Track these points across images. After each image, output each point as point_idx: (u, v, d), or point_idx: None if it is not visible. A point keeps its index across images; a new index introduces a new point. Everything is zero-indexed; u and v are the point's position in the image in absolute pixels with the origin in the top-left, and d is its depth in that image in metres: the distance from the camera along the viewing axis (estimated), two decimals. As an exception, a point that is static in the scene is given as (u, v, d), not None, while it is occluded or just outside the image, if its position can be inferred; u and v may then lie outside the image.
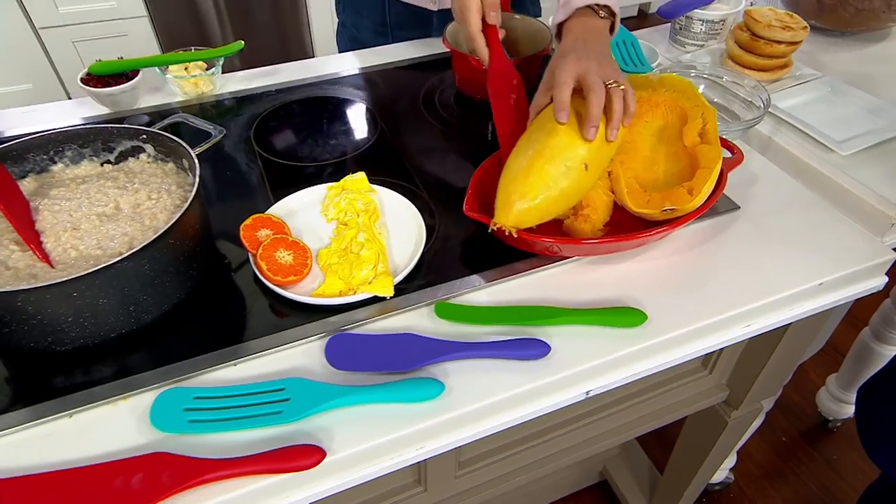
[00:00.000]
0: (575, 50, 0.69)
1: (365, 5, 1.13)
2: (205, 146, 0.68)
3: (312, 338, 0.60)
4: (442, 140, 0.89)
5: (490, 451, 0.77)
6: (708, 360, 0.87)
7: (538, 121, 0.69)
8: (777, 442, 1.59)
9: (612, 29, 0.77)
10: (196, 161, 0.63)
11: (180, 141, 0.66)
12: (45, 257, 0.59)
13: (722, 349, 0.83)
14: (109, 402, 0.54)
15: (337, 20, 1.25)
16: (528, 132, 0.69)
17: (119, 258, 0.52)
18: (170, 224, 0.55)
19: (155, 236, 0.54)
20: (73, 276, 0.50)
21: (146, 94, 0.94)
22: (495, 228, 0.64)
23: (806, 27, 0.93)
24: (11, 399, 0.54)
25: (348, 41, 1.20)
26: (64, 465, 0.50)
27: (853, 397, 1.49)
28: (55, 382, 0.55)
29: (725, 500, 1.48)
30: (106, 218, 0.62)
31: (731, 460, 1.40)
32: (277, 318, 0.62)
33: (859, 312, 1.59)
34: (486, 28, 0.81)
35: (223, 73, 0.97)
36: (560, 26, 0.77)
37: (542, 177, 0.63)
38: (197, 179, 0.61)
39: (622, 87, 0.65)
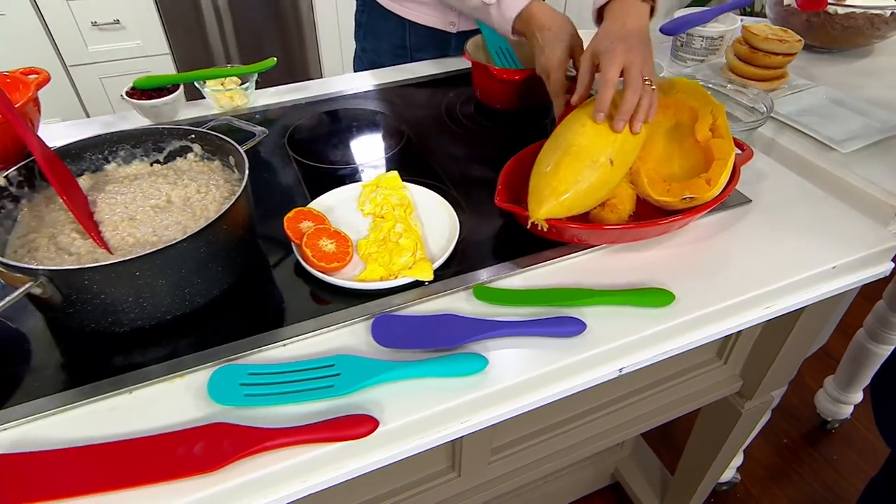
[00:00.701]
0: (624, 39, 0.69)
1: (385, 30, 1.15)
2: (250, 144, 0.68)
3: (356, 319, 0.60)
4: (465, 145, 0.90)
5: (520, 437, 0.77)
6: (723, 350, 0.86)
7: (564, 123, 0.70)
8: (779, 444, 1.58)
9: (652, 12, 0.77)
10: (244, 155, 0.64)
11: (227, 138, 0.66)
12: (104, 244, 0.59)
13: (738, 337, 0.83)
14: (166, 379, 0.54)
15: (354, 47, 1.26)
16: (555, 134, 0.70)
17: (179, 239, 0.52)
18: (225, 209, 0.56)
19: (212, 219, 0.54)
20: (137, 255, 0.50)
21: (184, 107, 0.95)
22: (530, 224, 0.64)
23: (800, 40, 0.96)
24: (76, 376, 0.53)
25: (368, 66, 1.22)
26: (128, 436, 0.49)
27: (851, 397, 1.48)
28: (115, 362, 0.55)
29: (733, 500, 1.46)
30: (159, 209, 0.63)
31: (738, 459, 1.38)
32: (322, 303, 0.62)
33: (851, 320, 1.59)
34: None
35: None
36: (601, 9, 0.77)
37: (570, 172, 0.64)
38: (246, 171, 0.61)
39: (653, 87, 0.67)
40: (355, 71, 1.27)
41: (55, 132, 0.90)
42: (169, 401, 0.52)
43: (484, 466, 0.75)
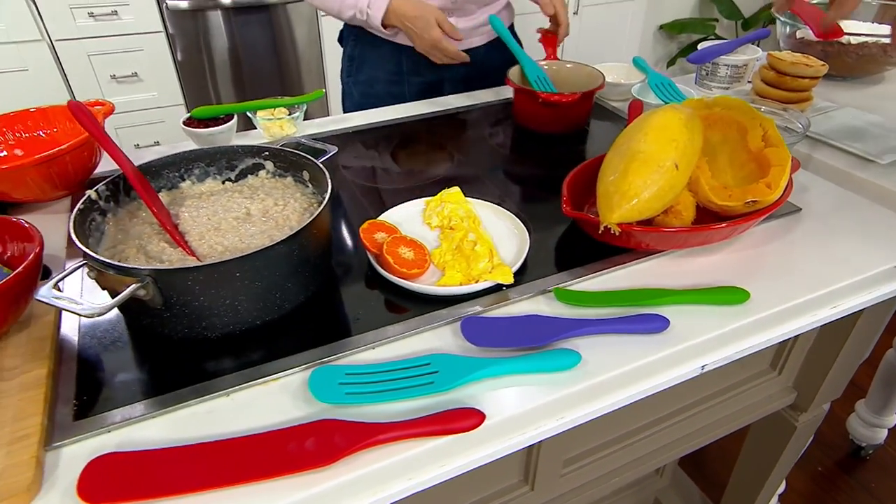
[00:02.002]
0: None
1: (379, 59, 1.18)
2: (323, 159, 0.70)
3: (440, 322, 0.60)
4: (513, 166, 0.93)
5: (591, 449, 0.76)
6: (777, 361, 0.87)
7: (624, 134, 0.73)
8: (814, 472, 1.56)
9: None
10: (323, 168, 0.65)
11: (303, 154, 0.68)
12: (193, 253, 0.59)
13: (793, 347, 0.84)
14: (261, 382, 0.54)
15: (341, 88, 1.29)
16: (616, 145, 0.73)
17: (278, 241, 0.53)
18: (315, 215, 0.57)
19: (305, 224, 0.56)
20: (240, 255, 0.51)
21: (236, 138, 0.98)
22: (602, 229, 0.66)
23: (824, 64, 1.01)
24: (170, 382, 0.53)
25: (360, 98, 1.24)
26: (232, 436, 0.48)
27: (886, 421, 1.48)
28: (207, 367, 0.55)
29: (775, 530, 1.43)
30: (241, 220, 0.64)
31: (781, 486, 1.36)
32: (401, 310, 0.62)
33: (876, 351, 1.60)
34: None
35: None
36: None
37: (639, 177, 0.66)
38: (329, 181, 0.63)
39: None
40: (347, 107, 1.28)
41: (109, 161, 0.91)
42: (267, 402, 0.52)
43: (557, 479, 0.74)
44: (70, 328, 0.59)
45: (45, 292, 0.49)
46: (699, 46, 1.14)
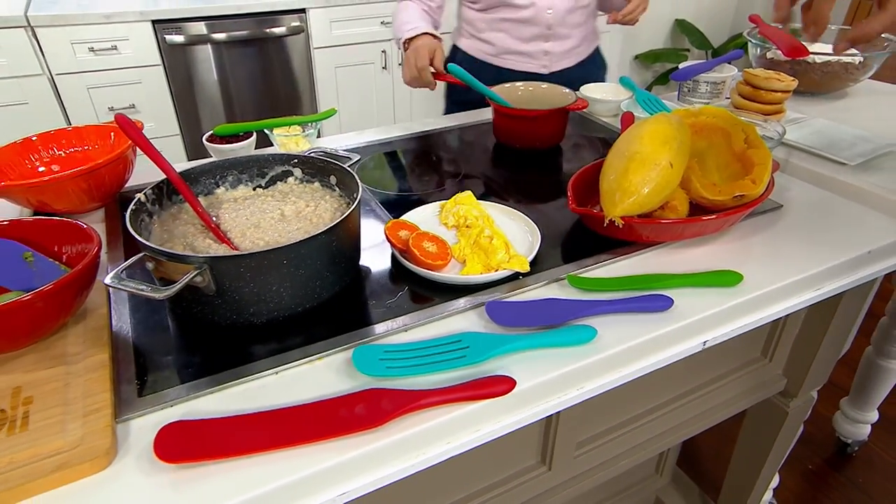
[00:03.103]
0: None
1: (483, 81, 1.24)
2: (348, 164, 0.75)
3: (464, 308, 0.65)
4: (514, 173, 0.99)
5: (600, 433, 0.81)
6: (767, 348, 0.93)
7: (621, 139, 0.80)
8: (805, 470, 1.61)
9: None
10: (352, 171, 0.71)
11: (331, 159, 0.74)
12: (236, 248, 0.64)
13: (782, 334, 0.90)
14: (306, 361, 0.58)
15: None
16: (615, 148, 0.79)
17: (322, 230, 0.58)
18: (352, 209, 0.62)
19: (342, 217, 0.61)
20: (291, 242, 0.56)
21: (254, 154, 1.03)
22: (607, 222, 0.72)
23: (795, 79, 1.09)
24: (222, 362, 0.57)
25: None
26: (287, 406, 0.53)
27: (868, 416, 1.54)
28: (254, 350, 0.59)
29: (770, 527, 1.47)
30: (277, 220, 0.69)
31: (775, 480, 1.40)
32: (425, 299, 0.67)
33: (854, 354, 1.67)
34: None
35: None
36: None
37: (638, 175, 0.73)
38: (359, 182, 0.68)
39: None
40: None
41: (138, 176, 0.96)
42: (313, 378, 0.56)
43: (571, 460, 0.78)
44: (121, 320, 0.63)
45: (111, 279, 0.53)
46: (680, 66, 1.22)
